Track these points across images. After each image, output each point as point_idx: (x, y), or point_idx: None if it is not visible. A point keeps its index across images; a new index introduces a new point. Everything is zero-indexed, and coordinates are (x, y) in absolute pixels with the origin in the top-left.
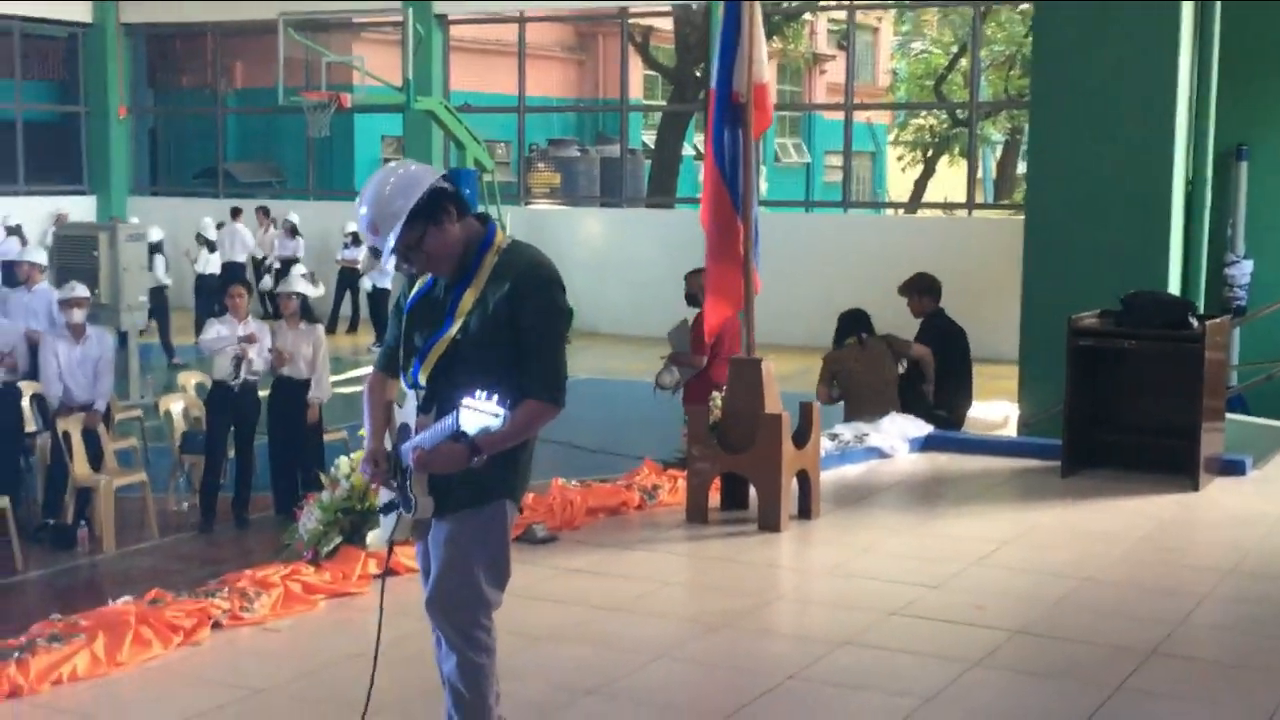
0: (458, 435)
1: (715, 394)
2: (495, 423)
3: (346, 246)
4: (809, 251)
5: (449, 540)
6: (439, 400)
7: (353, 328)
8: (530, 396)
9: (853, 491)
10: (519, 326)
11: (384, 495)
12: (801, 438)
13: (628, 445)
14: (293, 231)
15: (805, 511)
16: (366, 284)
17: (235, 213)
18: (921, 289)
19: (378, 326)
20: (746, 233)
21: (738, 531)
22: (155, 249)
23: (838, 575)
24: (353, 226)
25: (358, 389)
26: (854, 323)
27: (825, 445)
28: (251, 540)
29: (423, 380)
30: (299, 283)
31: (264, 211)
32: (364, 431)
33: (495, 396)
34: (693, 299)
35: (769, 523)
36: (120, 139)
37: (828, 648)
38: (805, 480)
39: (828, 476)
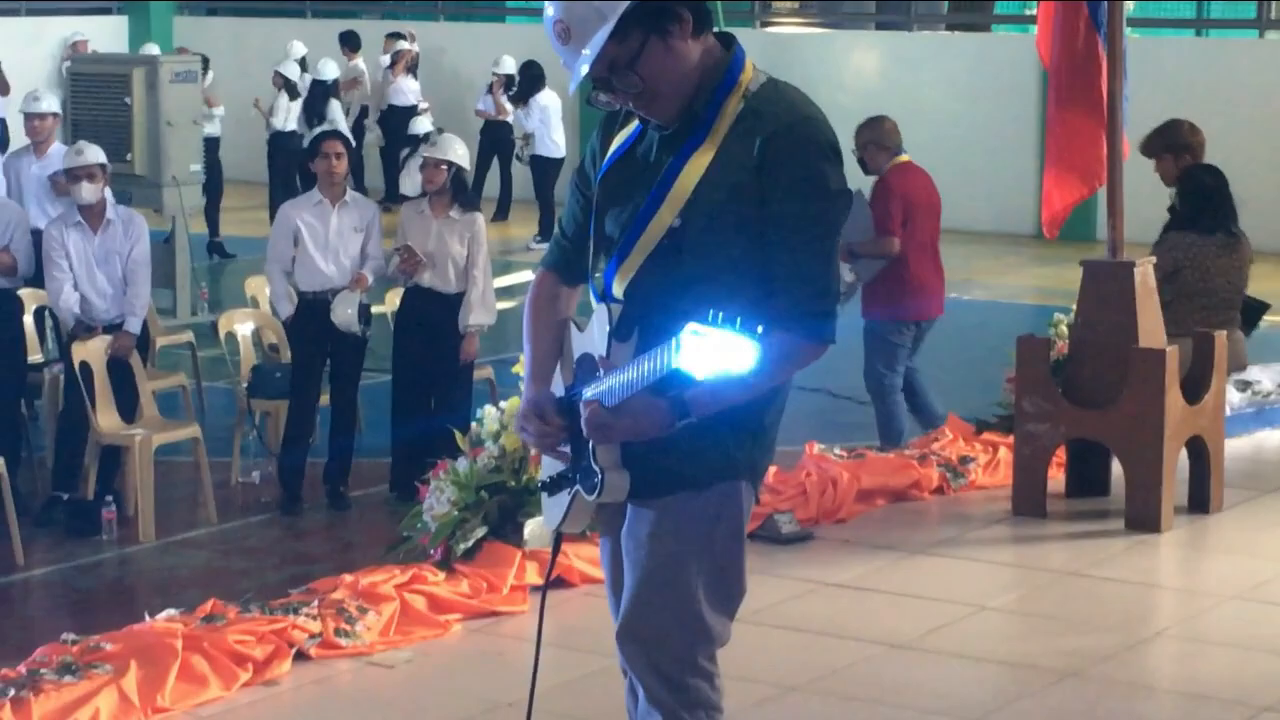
0: (664, 382)
1: (1059, 316)
2: (741, 364)
3: (489, 91)
4: (1202, 95)
5: (654, 539)
6: (644, 322)
7: (501, 213)
8: (781, 327)
9: (1277, 470)
10: (771, 215)
11: (549, 466)
12: (1196, 386)
13: (936, 398)
14: (410, 67)
15: (1200, 501)
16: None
17: (348, 39)
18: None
19: (542, 209)
20: (1114, 64)
21: (1093, 531)
22: (324, 91)
23: (1253, 601)
24: (508, 65)
25: (508, 304)
26: (1220, 195)
27: (1232, 399)
28: (355, 529)
29: (619, 290)
30: (454, 145)
31: (396, 36)
32: (520, 368)
33: (739, 320)
34: (864, 163)
35: (1143, 518)
36: None
37: (1244, 714)
38: (1201, 453)
39: (1235, 447)
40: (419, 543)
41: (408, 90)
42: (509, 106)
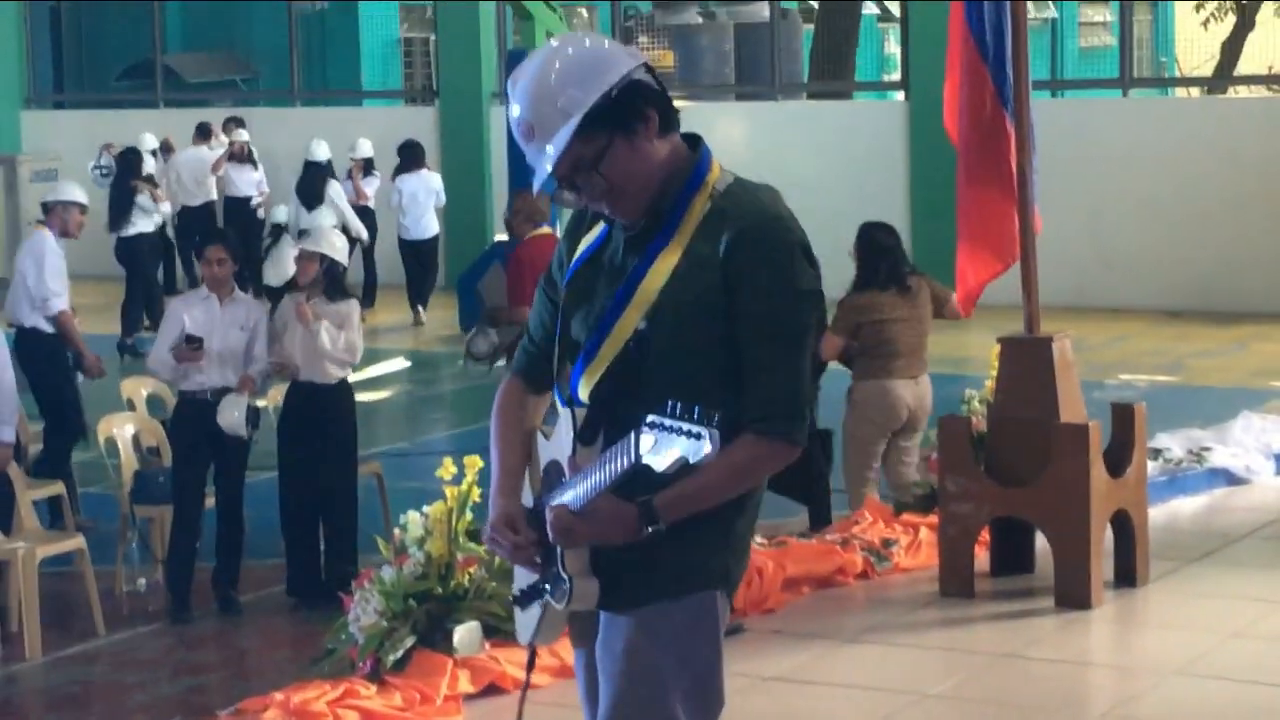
0: (631, 481)
1: (971, 392)
2: (699, 450)
3: (348, 176)
4: (1067, 158)
5: (629, 653)
6: (609, 425)
7: (367, 299)
8: (752, 429)
9: (1196, 539)
10: (738, 314)
11: (520, 579)
12: (1118, 458)
13: (836, 475)
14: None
15: (1127, 575)
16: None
17: (202, 133)
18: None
19: (416, 290)
20: (1021, 142)
21: (1023, 610)
22: (320, 172)
23: (1193, 676)
24: (365, 149)
25: (381, 394)
26: (889, 249)
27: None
28: (248, 634)
29: (584, 394)
30: (327, 237)
31: (235, 122)
32: (445, 472)
33: (697, 410)
34: (510, 227)
35: (1073, 595)
36: (8, 24)
37: None
38: (1126, 525)
39: (1152, 517)
40: (346, 655)
41: (246, 180)
42: (369, 191)
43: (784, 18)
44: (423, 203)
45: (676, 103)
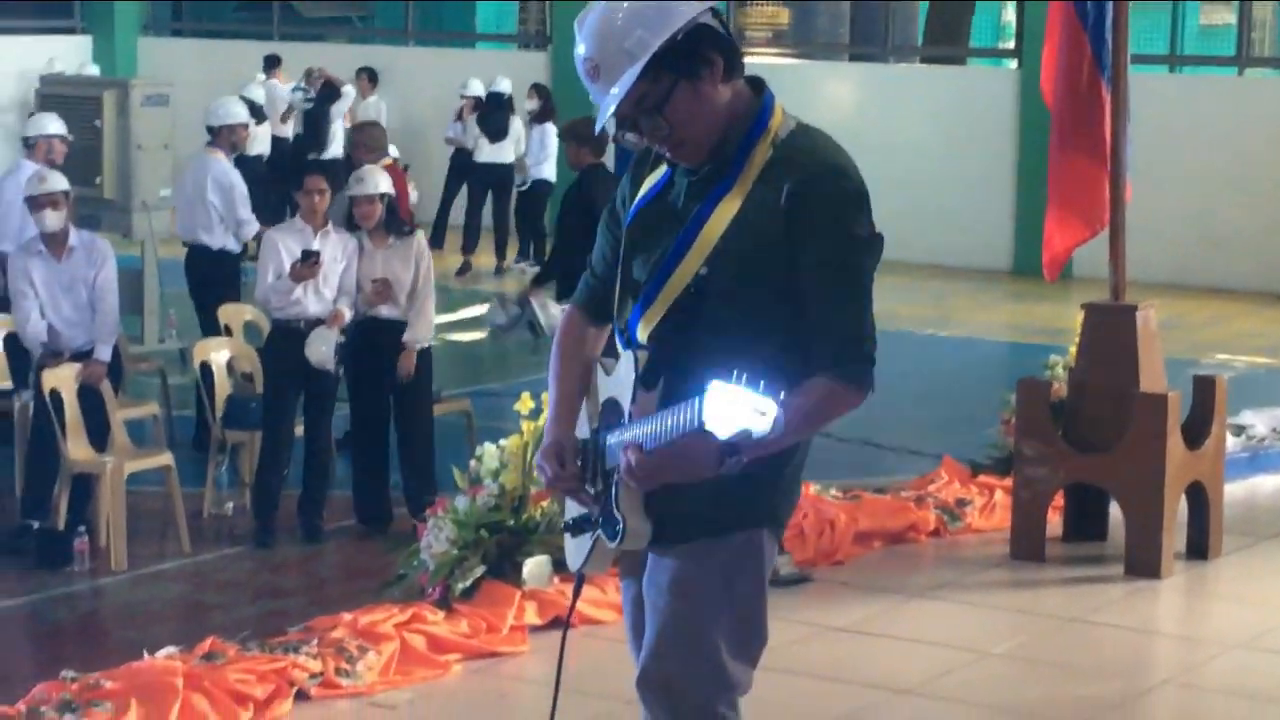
0: (700, 431)
1: (1056, 358)
2: (761, 426)
3: (457, 117)
4: (1171, 134)
5: (675, 587)
6: (671, 371)
7: (468, 244)
8: (821, 372)
9: (1273, 517)
10: (803, 264)
11: (573, 507)
12: (1196, 431)
13: (912, 434)
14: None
15: (1199, 547)
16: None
17: (272, 63)
18: (580, 135)
19: (530, 238)
20: (1118, 108)
21: (1092, 576)
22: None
23: (1256, 650)
24: (475, 86)
25: (477, 335)
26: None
27: (1228, 443)
28: (329, 562)
29: (644, 337)
30: (376, 177)
31: (368, 76)
32: (522, 406)
33: (762, 383)
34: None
35: (1144, 564)
36: None
37: None
38: (1200, 498)
39: (1230, 493)
40: (417, 581)
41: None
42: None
43: None
44: (550, 148)
45: (788, 60)
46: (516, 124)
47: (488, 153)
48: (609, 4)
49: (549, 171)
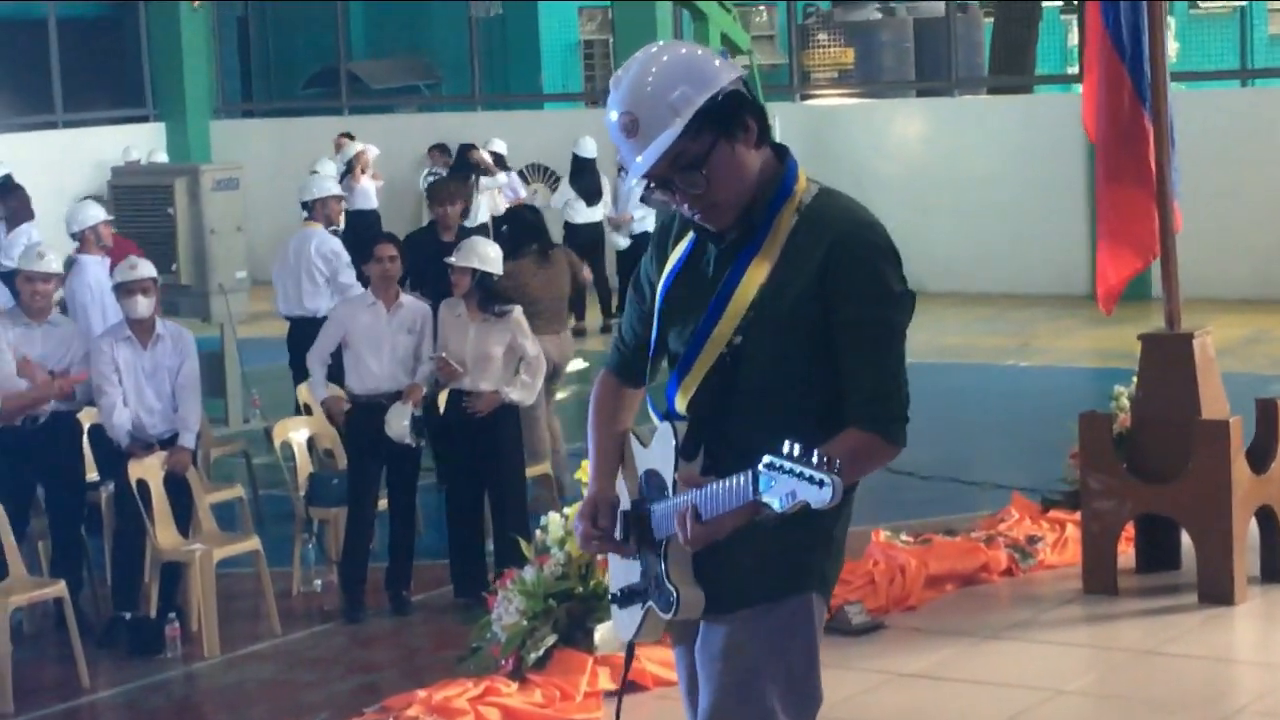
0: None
1: (1120, 389)
2: (820, 497)
3: (527, 180)
4: (1247, 146)
5: (728, 653)
6: (711, 439)
7: (579, 310)
8: (856, 425)
9: None
10: (837, 322)
11: (617, 577)
12: (1262, 454)
13: (983, 469)
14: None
15: (1273, 571)
16: (618, 240)
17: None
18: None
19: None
20: (1160, 136)
21: (1166, 606)
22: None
23: None
24: (497, 144)
25: (557, 395)
26: (537, 226)
27: None
28: (420, 633)
29: (682, 407)
30: (477, 249)
31: (440, 150)
32: (584, 473)
33: (816, 453)
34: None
35: (1217, 591)
36: (197, 36)
37: None
38: (1270, 522)
39: None
40: (489, 653)
41: (369, 192)
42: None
43: (964, 12)
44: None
45: (854, 100)
46: (606, 183)
47: (583, 214)
48: (647, 61)
49: (650, 224)
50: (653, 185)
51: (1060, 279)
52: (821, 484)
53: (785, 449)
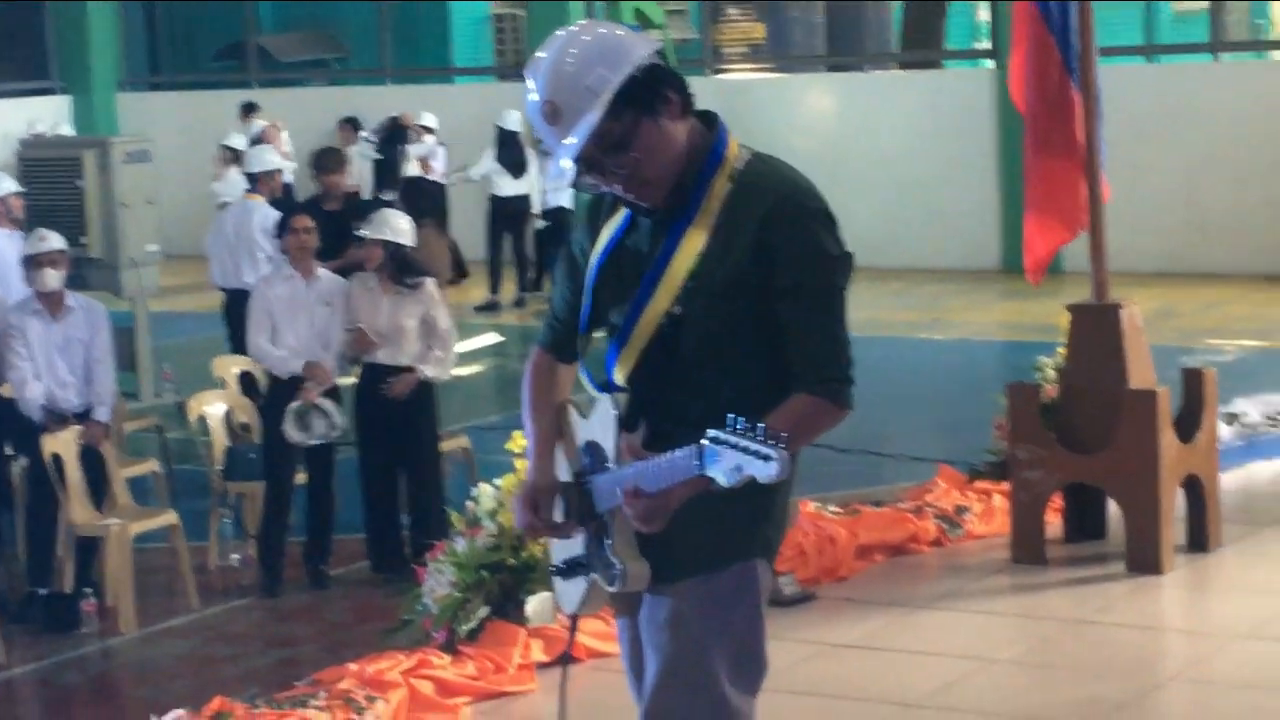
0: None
1: (1044, 359)
2: (768, 470)
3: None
4: (1153, 123)
5: (673, 623)
6: (652, 411)
7: (495, 281)
8: (802, 390)
9: (1271, 503)
10: (776, 288)
11: (558, 549)
12: (1188, 424)
13: (912, 440)
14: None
15: (1199, 540)
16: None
17: (249, 110)
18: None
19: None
20: (1088, 109)
21: (1095, 575)
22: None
23: (1263, 639)
24: (427, 118)
25: (476, 368)
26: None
27: (1221, 433)
28: (338, 608)
29: (621, 379)
30: (390, 222)
31: (350, 125)
32: (516, 445)
33: (761, 427)
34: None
35: (1144, 560)
36: (103, 8)
37: None
38: (1197, 491)
39: (1227, 482)
40: (421, 626)
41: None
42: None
43: None
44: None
45: (766, 75)
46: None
47: (510, 187)
48: (561, 47)
49: (566, 199)
50: (582, 170)
51: (971, 253)
52: (767, 459)
53: (730, 422)
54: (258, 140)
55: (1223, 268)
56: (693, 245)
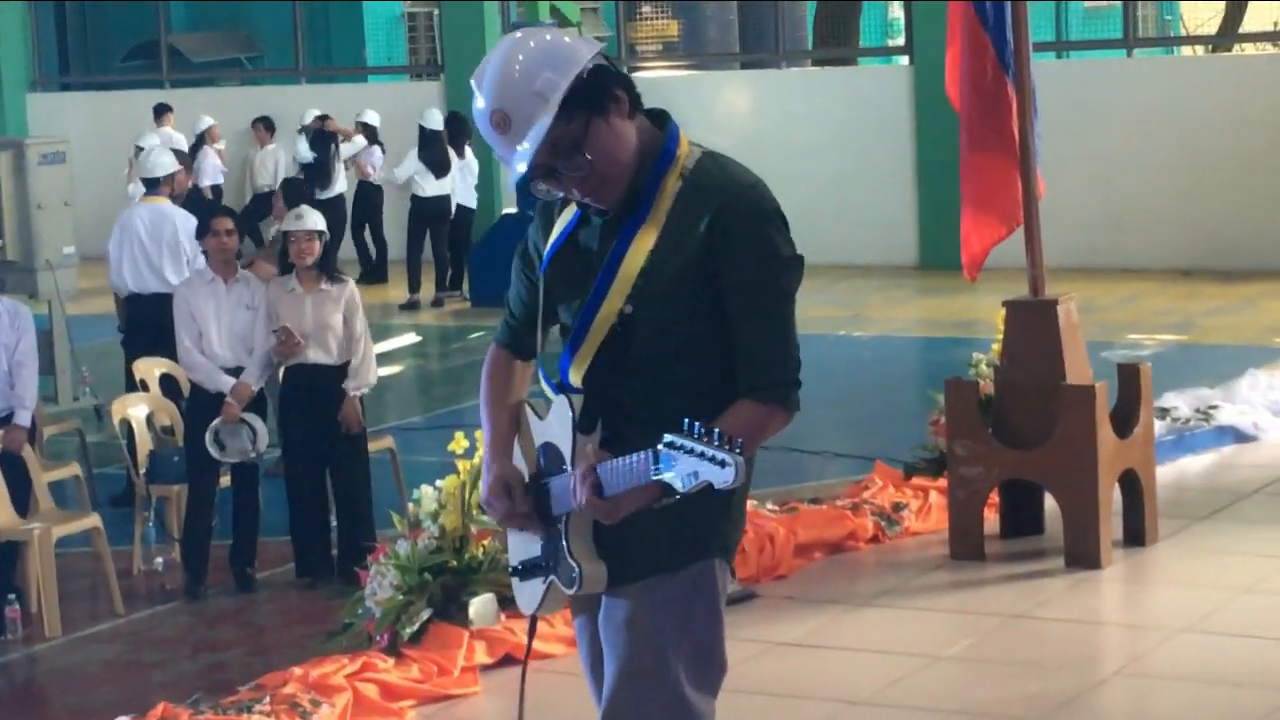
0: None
1: (979, 355)
2: (725, 477)
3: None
4: (1067, 118)
5: (631, 624)
6: (608, 412)
7: (373, 273)
8: (748, 395)
9: (1204, 497)
10: (725, 288)
11: (516, 550)
12: (1125, 419)
13: (835, 437)
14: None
15: (1136, 535)
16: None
17: (161, 111)
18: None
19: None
20: (1023, 107)
21: (1034, 571)
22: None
23: (1203, 633)
24: (371, 116)
25: (393, 369)
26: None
27: (1154, 427)
28: (264, 612)
29: (576, 379)
30: (315, 215)
31: (264, 125)
32: (457, 446)
33: (718, 433)
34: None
35: (1083, 555)
36: (11, 7)
37: None
38: (1134, 485)
39: (1159, 476)
40: (364, 629)
41: (218, 168)
42: (372, 169)
43: None
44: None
45: (680, 73)
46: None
47: (432, 187)
48: (505, 54)
49: (470, 198)
50: (536, 177)
51: (889, 250)
52: (724, 464)
53: (686, 427)
54: (200, 141)
55: (1139, 262)
56: (644, 244)
